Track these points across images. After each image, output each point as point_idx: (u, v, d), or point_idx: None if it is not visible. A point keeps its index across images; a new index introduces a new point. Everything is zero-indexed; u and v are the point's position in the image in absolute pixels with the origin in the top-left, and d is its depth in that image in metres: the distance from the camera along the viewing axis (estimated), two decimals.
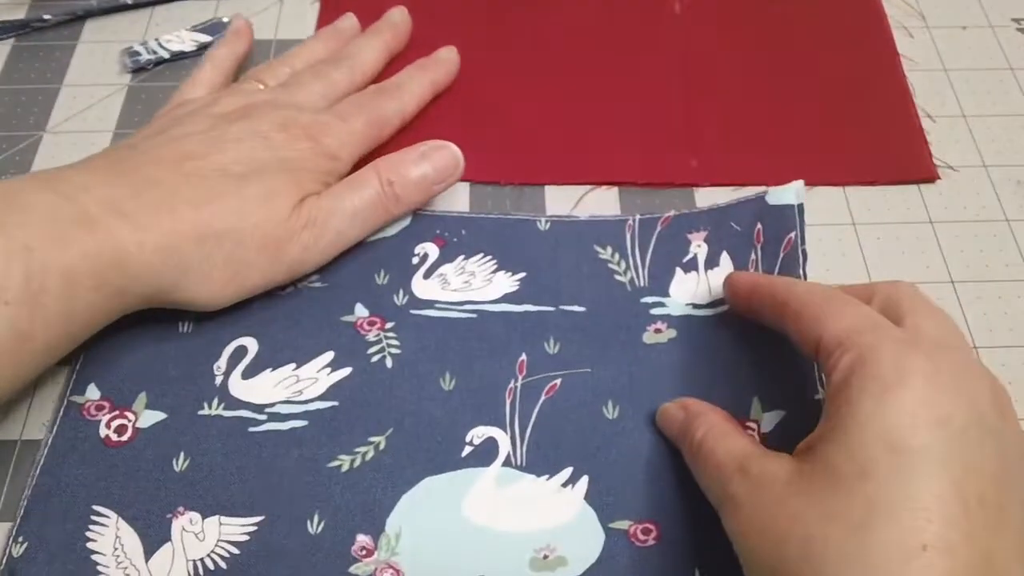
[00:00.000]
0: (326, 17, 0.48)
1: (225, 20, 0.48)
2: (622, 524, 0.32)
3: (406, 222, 0.40)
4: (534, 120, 0.44)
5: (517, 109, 0.44)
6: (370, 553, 0.32)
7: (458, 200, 0.42)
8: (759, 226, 0.39)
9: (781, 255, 0.38)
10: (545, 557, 0.32)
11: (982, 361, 0.29)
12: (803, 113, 0.44)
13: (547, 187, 0.42)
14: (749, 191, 0.41)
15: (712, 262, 0.38)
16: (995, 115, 0.45)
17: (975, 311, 0.38)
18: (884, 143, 0.43)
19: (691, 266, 0.38)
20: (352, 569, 0.31)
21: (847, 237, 0.40)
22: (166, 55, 0.46)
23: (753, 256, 0.38)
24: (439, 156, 0.39)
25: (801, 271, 0.38)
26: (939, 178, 0.42)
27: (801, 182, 0.39)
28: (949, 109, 0.45)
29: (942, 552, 0.24)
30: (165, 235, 0.33)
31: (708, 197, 0.41)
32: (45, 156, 0.43)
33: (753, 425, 0.34)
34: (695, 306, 0.37)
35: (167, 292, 0.34)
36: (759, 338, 0.36)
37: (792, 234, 0.38)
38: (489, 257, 0.39)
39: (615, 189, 0.42)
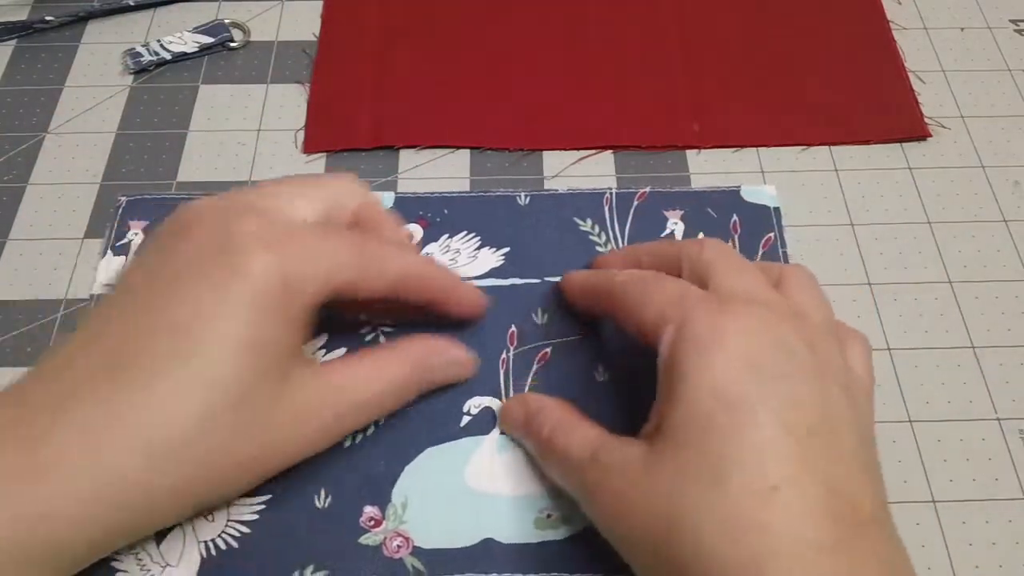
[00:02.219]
0: (329, 18, 0.49)
1: (226, 22, 0.48)
2: None
3: (389, 205, 0.42)
4: (537, 89, 0.46)
5: (520, 79, 0.47)
6: (378, 523, 0.33)
7: (458, 164, 0.44)
8: (736, 218, 0.41)
9: (760, 252, 0.40)
10: (548, 516, 0.34)
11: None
12: (799, 77, 0.47)
13: (545, 152, 0.44)
14: (739, 157, 0.44)
15: None
16: (993, 116, 0.45)
17: (973, 311, 0.39)
18: (877, 105, 0.46)
19: None
20: (362, 539, 0.33)
21: (845, 238, 0.41)
22: (168, 56, 0.47)
23: (730, 244, 0.40)
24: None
25: None
26: (930, 135, 0.44)
27: (773, 186, 0.42)
28: (948, 109, 0.45)
29: (790, 486, 0.26)
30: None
31: (699, 163, 0.44)
32: (47, 157, 0.44)
33: None
34: None
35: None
36: None
37: (771, 234, 0.41)
38: (472, 234, 0.41)
39: (610, 152, 0.44)
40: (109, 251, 0.40)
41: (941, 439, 0.36)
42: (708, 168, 0.43)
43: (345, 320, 0.38)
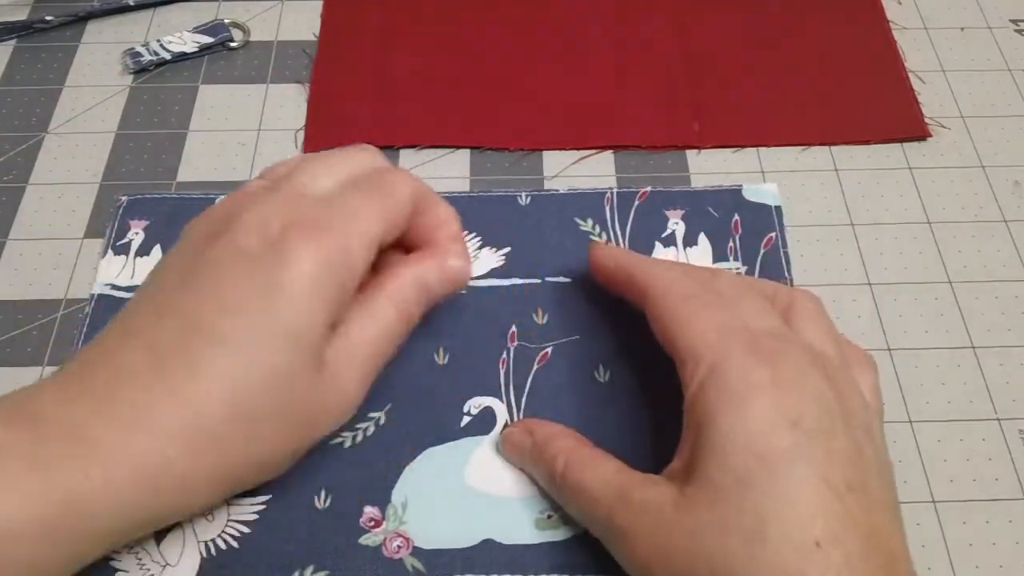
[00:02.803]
0: (329, 18, 0.49)
1: (226, 22, 0.48)
2: None
3: None
4: (537, 90, 0.46)
5: (520, 79, 0.47)
6: (378, 524, 0.33)
7: (458, 164, 0.44)
8: (736, 217, 0.41)
9: (761, 251, 0.40)
10: (549, 517, 0.34)
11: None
12: (799, 77, 0.47)
13: (545, 152, 0.44)
14: (739, 157, 0.44)
15: (690, 241, 0.41)
16: (993, 116, 0.45)
17: (973, 311, 0.39)
18: (877, 105, 0.46)
19: (670, 242, 0.41)
20: (362, 540, 0.33)
21: (845, 238, 0.41)
22: (168, 56, 0.47)
23: (731, 244, 0.40)
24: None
25: (786, 274, 0.40)
26: (931, 135, 0.44)
27: (775, 185, 0.42)
28: (948, 109, 0.45)
29: (832, 543, 0.26)
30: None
31: (700, 163, 0.44)
32: (47, 157, 0.44)
33: None
34: None
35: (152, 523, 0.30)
36: None
37: (772, 234, 0.41)
38: (473, 234, 0.41)
39: (610, 152, 0.44)
40: (109, 251, 0.40)
41: (941, 439, 0.36)
42: (708, 168, 0.43)
43: None
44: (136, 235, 0.41)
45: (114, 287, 0.39)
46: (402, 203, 0.33)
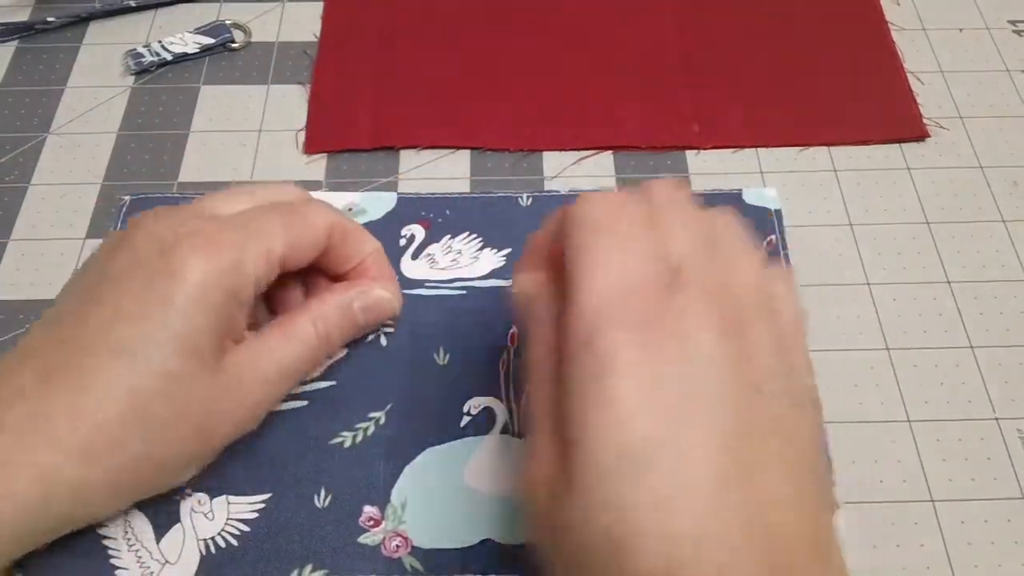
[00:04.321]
0: (330, 19, 0.49)
1: (227, 23, 0.48)
2: None
3: (391, 206, 0.41)
4: (537, 89, 0.46)
5: (520, 79, 0.47)
6: (377, 523, 0.33)
7: (459, 165, 0.44)
8: None
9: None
10: None
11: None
12: (798, 77, 0.47)
13: (544, 152, 0.44)
14: (738, 158, 0.44)
15: None
16: (991, 116, 0.45)
17: (971, 311, 0.39)
18: (875, 106, 0.46)
19: None
20: (361, 539, 0.33)
21: (844, 238, 0.41)
22: (169, 57, 0.47)
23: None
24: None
25: None
26: (929, 136, 0.44)
27: (774, 188, 0.42)
28: (946, 110, 0.45)
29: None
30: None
31: (699, 163, 0.44)
32: (49, 158, 0.44)
33: None
34: None
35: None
36: None
37: (772, 236, 0.41)
38: (475, 235, 0.40)
39: (610, 153, 0.44)
40: None
41: (940, 439, 0.36)
42: (708, 168, 0.43)
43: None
44: None
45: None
46: (312, 227, 0.34)
